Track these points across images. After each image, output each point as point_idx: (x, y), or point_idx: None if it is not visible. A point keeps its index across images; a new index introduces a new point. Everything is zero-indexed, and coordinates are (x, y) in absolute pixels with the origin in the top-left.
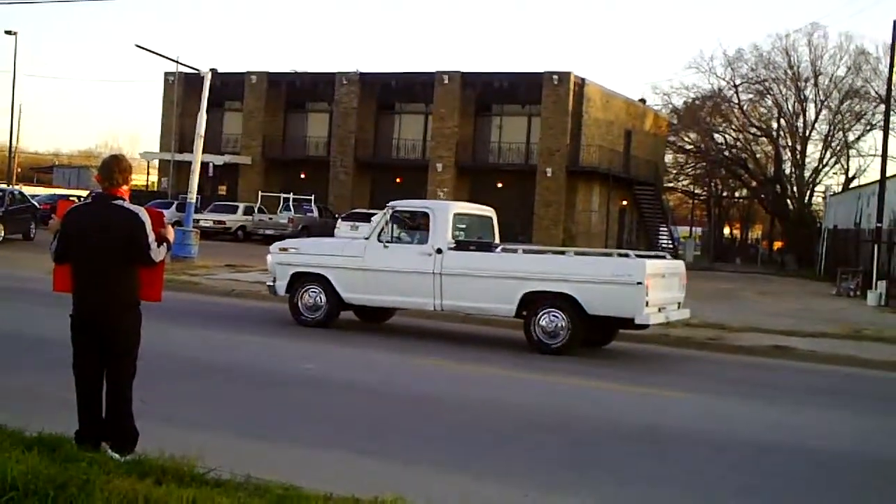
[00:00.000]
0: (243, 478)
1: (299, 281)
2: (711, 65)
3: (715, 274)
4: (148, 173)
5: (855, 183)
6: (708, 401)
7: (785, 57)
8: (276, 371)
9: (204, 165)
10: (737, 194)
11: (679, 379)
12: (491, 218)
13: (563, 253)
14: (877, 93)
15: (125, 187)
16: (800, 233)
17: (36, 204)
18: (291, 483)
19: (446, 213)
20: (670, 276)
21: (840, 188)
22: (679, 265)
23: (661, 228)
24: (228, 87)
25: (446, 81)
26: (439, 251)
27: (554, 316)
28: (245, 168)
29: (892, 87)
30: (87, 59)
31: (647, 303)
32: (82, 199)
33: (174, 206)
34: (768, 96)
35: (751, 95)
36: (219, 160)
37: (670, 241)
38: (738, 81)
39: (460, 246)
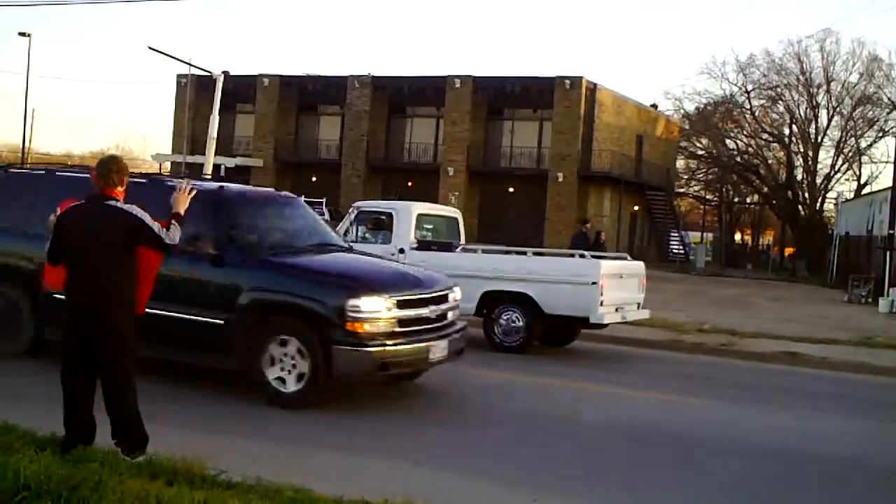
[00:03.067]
0: (254, 480)
1: None
2: (723, 70)
3: (726, 280)
4: (160, 175)
5: (867, 189)
6: (718, 406)
7: (797, 63)
8: None
9: (216, 168)
10: (748, 200)
11: (691, 385)
12: (457, 219)
13: (522, 253)
14: (889, 99)
15: (120, 188)
16: (811, 239)
17: None
18: (302, 486)
19: (409, 213)
20: (629, 277)
21: (852, 195)
22: (639, 266)
23: (673, 234)
24: (240, 89)
25: (458, 85)
26: (402, 251)
27: (512, 315)
28: (257, 170)
29: None
30: (99, 60)
31: (601, 303)
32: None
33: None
34: (780, 102)
35: (763, 101)
36: (230, 163)
37: (681, 247)
38: (750, 87)
39: (422, 246)
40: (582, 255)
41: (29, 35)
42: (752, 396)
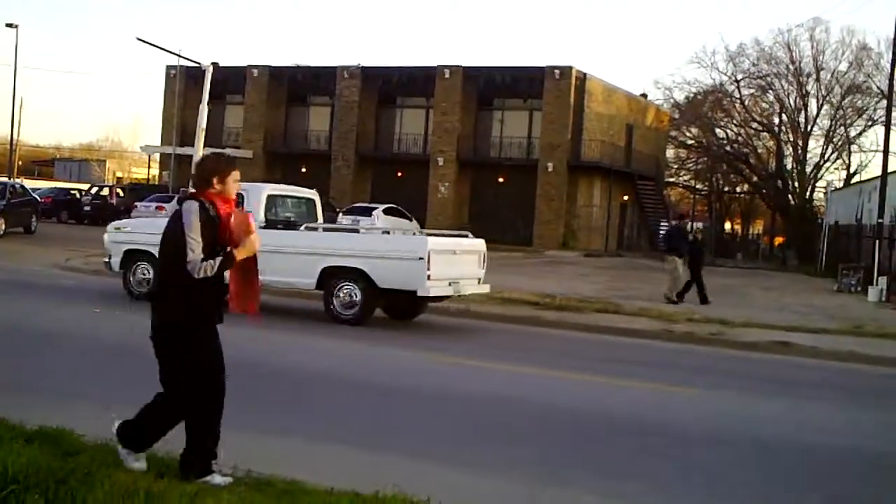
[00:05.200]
0: (244, 473)
1: (132, 258)
2: (713, 59)
3: (716, 269)
4: (149, 167)
5: (856, 178)
6: (709, 395)
7: (787, 52)
8: None
9: None
10: (738, 189)
11: (681, 374)
12: (314, 200)
13: (357, 231)
14: (878, 88)
15: (211, 189)
16: (801, 228)
17: (37, 197)
18: (294, 478)
19: (259, 193)
20: (464, 254)
21: (841, 184)
22: (478, 244)
23: (662, 223)
24: (230, 80)
25: (448, 75)
26: None
27: (349, 289)
28: (246, 162)
29: (895, 83)
30: (88, 51)
31: (429, 276)
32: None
33: (175, 199)
34: (770, 91)
35: (752, 90)
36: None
37: None
38: (739, 76)
39: (269, 225)
40: (412, 233)
41: (16, 26)
42: (739, 385)
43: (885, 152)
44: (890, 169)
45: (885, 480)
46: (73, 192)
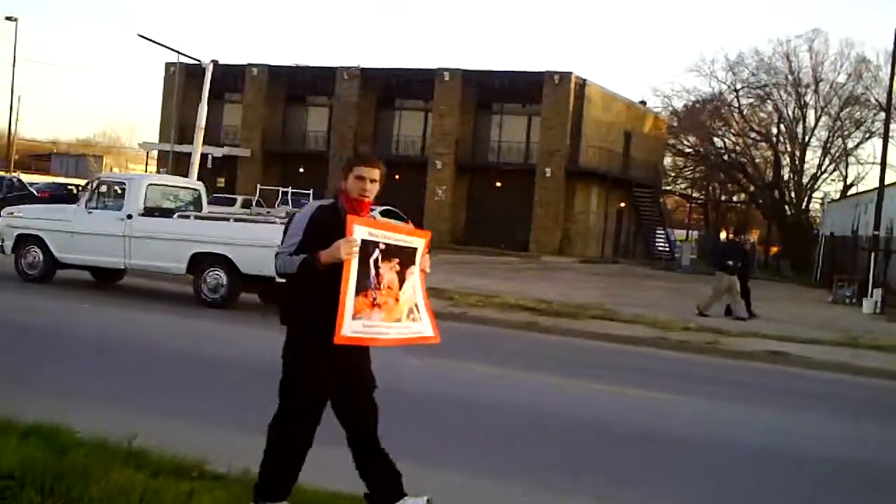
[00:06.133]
0: (241, 472)
1: (23, 242)
2: (713, 68)
3: (710, 278)
4: (147, 164)
5: (853, 190)
6: (702, 404)
7: (786, 62)
8: None
9: (203, 157)
10: (734, 199)
11: (675, 382)
12: (198, 191)
13: (226, 220)
14: (877, 100)
15: (343, 185)
16: (796, 239)
17: (34, 192)
18: None
19: (140, 184)
20: None
21: (838, 195)
22: None
23: (658, 231)
24: (229, 78)
25: (447, 78)
26: (129, 217)
27: (216, 274)
28: (244, 160)
29: (893, 96)
30: (87, 46)
31: None
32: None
33: None
34: (769, 101)
35: (751, 100)
36: (218, 152)
37: (667, 244)
38: (738, 86)
39: (148, 212)
40: (273, 221)
41: (16, 19)
42: (734, 394)
43: (883, 165)
44: (887, 181)
45: (875, 490)
46: (69, 186)
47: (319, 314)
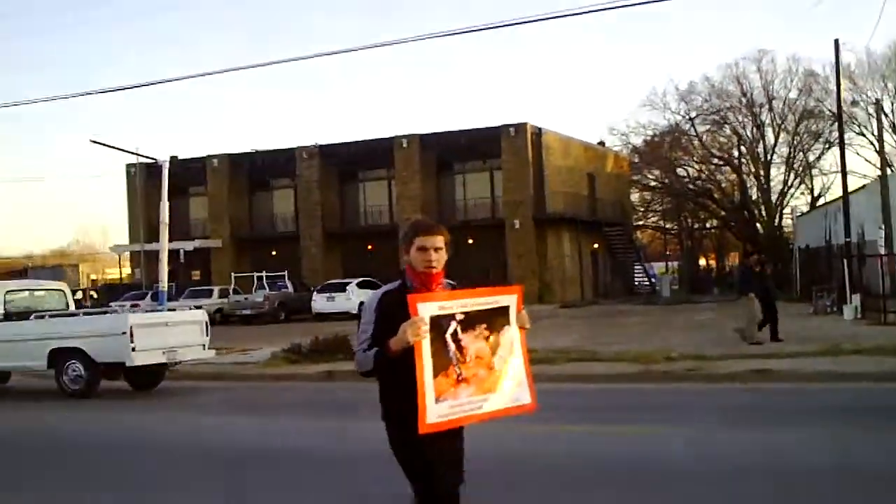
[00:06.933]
0: None
1: None
2: (665, 100)
3: (691, 306)
4: (121, 266)
5: (821, 201)
6: (689, 432)
7: (737, 85)
8: None
9: (175, 252)
10: (707, 225)
11: (662, 413)
12: (63, 291)
13: (76, 315)
14: (830, 111)
15: (406, 257)
16: (773, 255)
17: None
18: None
19: None
20: (180, 325)
21: (807, 207)
22: (198, 315)
23: (636, 266)
24: (191, 172)
25: (405, 145)
26: None
27: (75, 366)
28: (216, 251)
29: (842, 104)
30: (47, 158)
31: (134, 349)
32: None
33: (149, 296)
34: (726, 125)
35: (708, 126)
36: (189, 246)
37: (646, 278)
38: (693, 114)
39: (7, 317)
40: (115, 312)
41: None
42: (721, 419)
43: (843, 172)
44: (851, 187)
45: (867, 498)
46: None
47: (408, 408)
